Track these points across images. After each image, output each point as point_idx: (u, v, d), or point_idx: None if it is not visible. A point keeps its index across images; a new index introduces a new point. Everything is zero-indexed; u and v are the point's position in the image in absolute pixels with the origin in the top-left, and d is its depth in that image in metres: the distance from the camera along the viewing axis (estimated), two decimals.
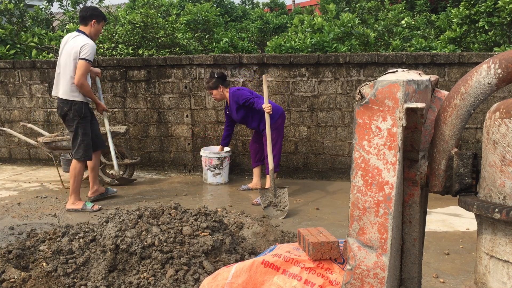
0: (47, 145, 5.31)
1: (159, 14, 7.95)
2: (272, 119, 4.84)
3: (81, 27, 4.60)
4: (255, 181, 5.29)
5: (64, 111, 4.51)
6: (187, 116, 6.09)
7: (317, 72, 5.62)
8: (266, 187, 4.81)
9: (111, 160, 5.51)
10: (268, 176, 4.84)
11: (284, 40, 6.53)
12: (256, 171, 5.28)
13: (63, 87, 4.52)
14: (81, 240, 2.96)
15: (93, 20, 4.56)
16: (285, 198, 4.47)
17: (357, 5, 8.99)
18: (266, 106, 4.66)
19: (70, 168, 4.70)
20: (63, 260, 2.82)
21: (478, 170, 1.28)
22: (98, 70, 5.01)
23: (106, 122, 5.13)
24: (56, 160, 5.69)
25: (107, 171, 5.74)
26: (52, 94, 4.72)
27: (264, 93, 4.72)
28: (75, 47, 4.45)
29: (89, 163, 4.80)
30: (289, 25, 9.30)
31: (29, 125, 5.79)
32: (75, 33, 4.58)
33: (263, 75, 4.74)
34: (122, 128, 5.46)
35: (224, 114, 5.40)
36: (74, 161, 4.67)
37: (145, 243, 2.76)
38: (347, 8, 9.14)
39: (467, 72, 1.32)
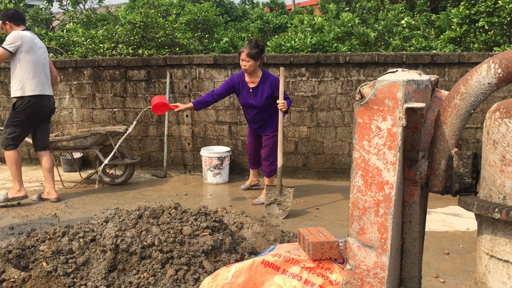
0: None
1: (159, 14, 7.94)
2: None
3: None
4: (251, 178, 5.30)
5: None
6: (187, 116, 6.09)
7: (317, 72, 5.62)
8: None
9: (111, 160, 5.51)
10: (267, 178, 4.83)
11: (284, 40, 6.52)
12: (252, 171, 5.29)
13: (51, 85, 4.92)
14: (81, 240, 2.95)
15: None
16: (289, 198, 4.45)
17: (357, 5, 8.98)
18: (281, 103, 4.38)
19: (46, 160, 4.87)
20: (63, 260, 2.82)
21: (478, 170, 1.28)
22: None
23: None
24: (56, 160, 5.69)
25: (107, 171, 5.74)
26: (48, 93, 4.79)
27: (280, 89, 4.44)
28: (44, 45, 4.88)
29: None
30: (289, 25, 9.30)
31: None
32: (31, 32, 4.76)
33: (281, 68, 4.50)
34: (122, 128, 5.45)
35: (222, 88, 4.77)
36: (48, 152, 4.92)
37: (145, 243, 2.76)
38: (347, 8, 9.13)
39: (467, 72, 1.32)
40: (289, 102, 4.57)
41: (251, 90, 4.66)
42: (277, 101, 4.43)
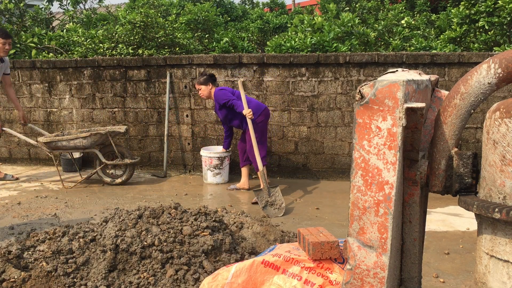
0: (47, 145, 5.31)
1: (159, 14, 7.94)
2: (255, 114, 4.90)
3: None
4: (243, 181, 5.31)
5: None
6: (187, 116, 6.09)
7: (317, 72, 5.62)
8: (252, 186, 5.02)
9: (112, 160, 5.51)
10: (258, 174, 4.89)
11: (284, 39, 6.52)
12: (244, 171, 5.30)
13: None
14: (81, 240, 2.95)
15: None
16: (279, 196, 4.58)
17: (357, 5, 8.98)
18: (247, 112, 4.74)
19: None
20: (63, 260, 2.82)
21: (478, 170, 1.28)
22: None
23: None
24: (56, 160, 5.69)
25: (107, 171, 5.74)
26: None
27: (242, 98, 4.79)
28: None
29: None
30: (289, 25, 9.30)
31: (29, 124, 5.80)
32: None
33: (239, 80, 4.87)
34: (122, 128, 5.45)
35: None
36: None
37: (145, 243, 2.76)
38: (347, 8, 9.13)
39: (467, 72, 1.32)
40: (253, 108, 4.90)
41: (214, 111, 5.32)
42: (243, 112, 4.77)
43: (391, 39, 7.00)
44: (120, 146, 5.59)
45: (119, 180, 5.54)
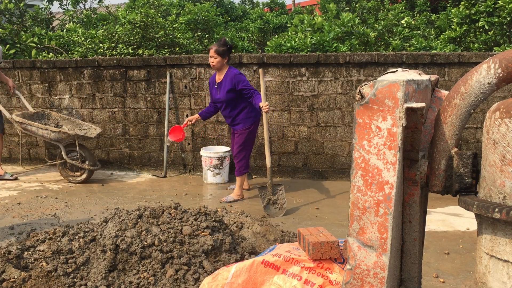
0: (18, 124, 5.39)
1: (159, 14, 7.94)
2: (252, 118, 4.80)
3: None
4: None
5: None
6: (187, 116, 6.09)
7: (317, 72, 5.62)
8: (243, 187, 5.00)
9: (74, 159, 5.52)
10: (237, 177, 4.92)
11: (284, 39, 6.52)
12: None
13: None
14: (81, 240, 2.95)
15: None
16: (282, 195, 4.56)
17: (357, 5, 8.98)
18: (264, 105, 4.48)
19: None
20: (63, 260, 2.82)
21: (478, 169, 1.28)
22: None
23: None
24: (23, 139, 5.81)
25: (70, 172, 5.71)
26: None
27: (261, 90, 4.53)
28: None
29: None
30: (289, 25, 9.30)
31: (16, 91, 5.84)
32: None
33: (260, 69, 4.59)
34: (92, 133, 5.48)
35: (210, 92, 5.09)
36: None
37: (145, 243, 2.76)
38: (347, 8, 9.13)
39: (467, 72, 1.32)
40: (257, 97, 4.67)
41: (216, 86, 4.91)
42: (260, 104, 4.53)
43: (391, 39, 7.00)
44: (86, 149, 5.61)
45: (78, 179, 5.61)
